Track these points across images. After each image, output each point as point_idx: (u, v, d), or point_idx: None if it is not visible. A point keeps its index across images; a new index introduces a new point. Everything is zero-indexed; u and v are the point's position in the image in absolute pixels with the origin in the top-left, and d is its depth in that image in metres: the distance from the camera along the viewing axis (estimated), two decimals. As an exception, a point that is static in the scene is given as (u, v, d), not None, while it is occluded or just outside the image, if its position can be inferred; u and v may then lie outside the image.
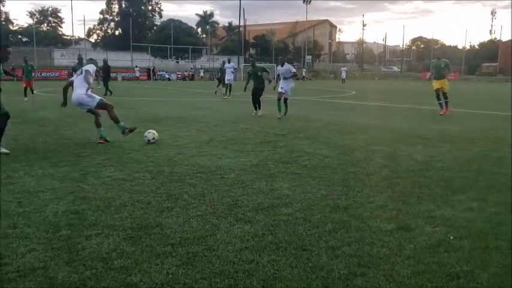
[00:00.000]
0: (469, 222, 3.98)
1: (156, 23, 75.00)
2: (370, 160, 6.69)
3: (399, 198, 4.70)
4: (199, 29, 78.50)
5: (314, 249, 3.36)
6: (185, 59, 63.12)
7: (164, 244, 3.41)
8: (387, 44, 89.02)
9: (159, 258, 3.17)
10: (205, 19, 79.10)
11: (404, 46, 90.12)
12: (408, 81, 56.33)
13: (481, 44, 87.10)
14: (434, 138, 8.85)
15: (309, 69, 64.83)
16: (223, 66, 23.07)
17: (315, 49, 78.62)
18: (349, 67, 61.84)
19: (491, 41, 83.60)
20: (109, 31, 75.57)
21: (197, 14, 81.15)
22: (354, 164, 6.33)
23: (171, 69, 55.59)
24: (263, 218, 4.02)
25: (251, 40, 73.25)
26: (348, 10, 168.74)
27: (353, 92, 27.62)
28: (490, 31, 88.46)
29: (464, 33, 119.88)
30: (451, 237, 3.61)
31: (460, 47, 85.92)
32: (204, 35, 77.43)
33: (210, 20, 79.35)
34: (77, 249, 3.31)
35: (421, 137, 8.89)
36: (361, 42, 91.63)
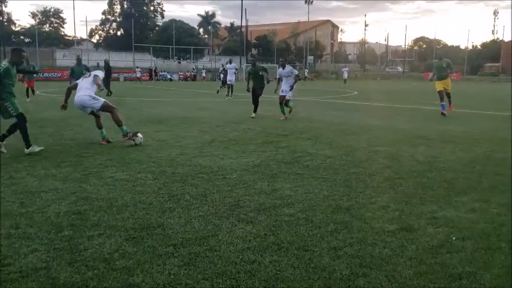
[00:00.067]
0: (472, 223, 3.97)
1: (158, 24, 75.15)
2: (372, 161, 6.69)
3: (402, 199, 4.69)
4: (201, 30, 78.66)
5: (316, 249, 3.36)
6: (187, 60, 63.21)
7: (166, 245, 3.42)
8: (389, 44, 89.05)
9: (161, 258, 3.18)
10: (207, 19, 79.23)
11: (406, 46, 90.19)
12: (410, 81, 56.23)
13: (484, 44, 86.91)
14: (437, 138, 8.84)
15: (311, 69, 64.79)
16: (225, 66, 23.03)
17: (317, 49, 78.58)
18: (351, 67, 61.78)
19: (493, 41, 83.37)
20: (111, 32, 75.77)
21: (199, 15, 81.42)
22: (356, 165, 6.33)
23: (173, 69, 55.64)
24: (265, 219, 4.03)
25: (253, 40, 73.26)
26: (350, 10, 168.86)
27: (355, 93, 27.59)
28: (493, 31, 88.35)
29: (466, 33, 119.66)
30: (454, 238, 3.61)
31: (463, 47, 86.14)
32: (206, 36, 77.56)
33: (212, 21, 79.51)
34: (79, 249, 3.32)
35: (424, 138, 8.87)
36: (363, 42, 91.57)
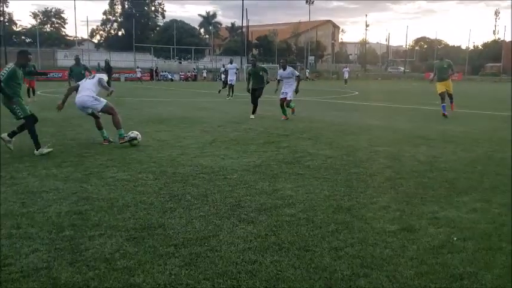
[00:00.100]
0: (473, 223, 3.97)
1: (159, 24, 75.21)
2: (373, 161, 6.68)
3: (403, 199, 4.69)
4: (202, 30, 78.65)
5: (317, 250, 3.35)
6: (188, 60, 63.24)
7: (167, 245, 3.42)
8: (390, 45, 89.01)
9: (162, 259, 3.18)
10: (208, 20, 79.23)
11: (407, 46, 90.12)
12: (411, 81, 56.19)
13: (485, 44, 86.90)
14: (438, 138, 8.83)
15: (312, 69, 64.77)
16: (226, 67, 23.00)
17: (318, 49, 78.57)
18: (352, 67, 61.76)
19: (494, 41, 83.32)
20: (112, 32, 75.85)
21: (200, 15, 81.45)
22: (357, 165, 6.32)
23: (174, 69, 55.68)
24: (266, 219, 4.02)
25: (254, 41, 73.25)
26: (351, 10, 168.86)
27: (356, 93, 27.58)
28: (494, 31, 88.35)
29: (467, 33, 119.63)
30: (455, 238, 3.60)
31: (464, 47, 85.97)
32: (207, 36, 77.54)
33: (213, 21, 79.49)
34: (80, 249, 3.32)
35: (425, 138, 8.86)
36: (364, 42, 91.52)
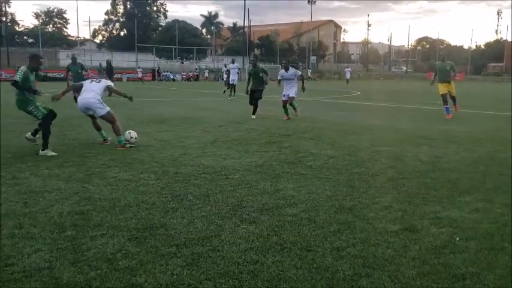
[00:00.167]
0: (475, 223, 3.96)
1: (161, 24, 75.30)
2: (375, 161, 6.67)
3: (405, 199, 4.68)
4: (204, 30, 78.70)
5: (319, 250, 3.35)
6: (190, 60, 63.28)
7: (169, 245, 3.42)
8: (392, 44, 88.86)
9: (164, 259, 3.18)
10: (210, 20, 79.26)
11: (409, 46, 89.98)
12: (413, 81, 56.11)
13: (487, 44, 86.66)
14: (440, 138, 8.81)
15: (314, 69, 64.70)
16: (228, 67, 22.98)
17: (320, 49, 78.51)
18: (354, 67, 61.61)
19: (497, 41, 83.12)
20: (114, 32, 75.97)
21: (202, 15, 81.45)
22: (359, 165, 6.32)
23: (176, 69, 55.71)
24: (268, 219, 4.02)
25: (256, 41, 73.22)
26: (353, 10, 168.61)
27: (358, 93, 27.55)
28: (496, 31, 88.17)
29: (470, 33, 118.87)
30: (457, 238, 3.60)
31: (466, 47, 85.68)
32: (209, 36, 77.57)
33: (215, 21, 79.53)
34: (82, 249, 3.33)
35: (427, 138, 8.85)
36: (366, 42, 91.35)
